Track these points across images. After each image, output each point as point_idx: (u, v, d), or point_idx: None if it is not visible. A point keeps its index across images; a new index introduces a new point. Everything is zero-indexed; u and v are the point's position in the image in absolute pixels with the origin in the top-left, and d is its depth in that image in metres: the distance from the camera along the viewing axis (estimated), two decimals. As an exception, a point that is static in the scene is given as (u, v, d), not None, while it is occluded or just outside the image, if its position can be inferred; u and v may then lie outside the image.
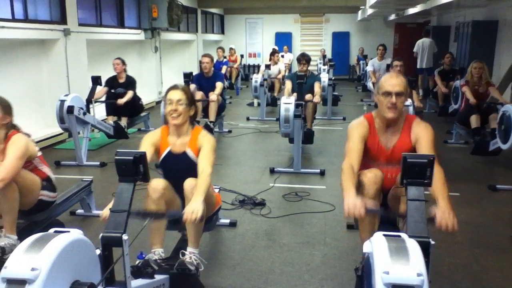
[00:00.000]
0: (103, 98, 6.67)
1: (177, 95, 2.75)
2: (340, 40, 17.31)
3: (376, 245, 1.77)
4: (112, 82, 6.76)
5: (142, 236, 2.31)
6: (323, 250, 3.41)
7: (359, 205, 2.19)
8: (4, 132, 3.02)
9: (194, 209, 2.34)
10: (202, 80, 6.62)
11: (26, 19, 6.40)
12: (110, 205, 2.24)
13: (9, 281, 1.49)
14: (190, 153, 2.79)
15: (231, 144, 6.91)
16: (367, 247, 1.88)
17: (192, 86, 6.47)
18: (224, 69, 10.94)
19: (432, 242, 1.97)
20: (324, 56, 15.05)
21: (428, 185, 2.13)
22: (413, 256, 1.69)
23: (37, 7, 6.75)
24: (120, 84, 6.76)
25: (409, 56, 12.33)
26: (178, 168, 2.79)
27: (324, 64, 12.74)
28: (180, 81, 8.56)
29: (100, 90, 6.62)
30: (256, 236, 3.66)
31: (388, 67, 7.95)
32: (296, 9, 16.57)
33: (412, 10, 11.78)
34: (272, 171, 5.32)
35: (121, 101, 6.50)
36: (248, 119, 8.86)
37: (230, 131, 7.60)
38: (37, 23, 6.60)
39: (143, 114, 7.43)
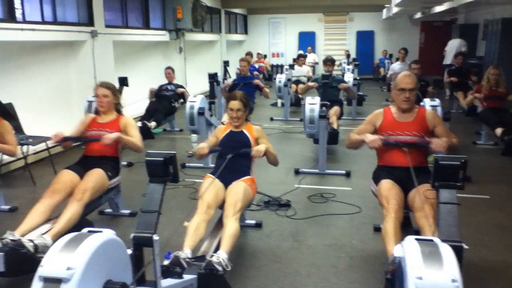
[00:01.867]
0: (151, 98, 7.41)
1: (236, 105, 3.42)
2: (365, 39, 17.12)
3: (408, 249, 1.74)
4: (163, 85, 7.57)
5: (168, 236, 2.33)
6: (350, 252, 3.38)
7: (377, 138, 3.01)
8: (116, 113, 3.82)
9: (260, 148, 3.26)
10: (241, 80, 7.34)
11: (55, 22, 6.55)
12: (203, 144, 3.27)
13: (46, 280, 1.52)
14: (246, 133, 3.48)
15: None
16: (398, 251, 1.85)
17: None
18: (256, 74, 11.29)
19: (466, 247, 1.93)
20: (348, 56, 14.92)
21: (461, 188, 2.09)
22: (447, 261, 1.66)
23: (65, 9, 6.89)
24: (171, 84, 7.55)
25: (436, 55, 12.13)
26: (234, 142, 3.41)
27: (348, 64, 12.63)
28: (204, 81, 8.60)
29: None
30: (281, 237, 3.65)
31: None
32: (319, 8, 16.46)
33: (438, 8, 11.56)
34: (296, 172, 5.30)
35: (180, 90, 7.38)
36: (272, 119, 8.85)
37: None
38: (66, 25, 6.73)
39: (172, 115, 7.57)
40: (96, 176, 3.49)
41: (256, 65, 12.86)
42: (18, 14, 5.84)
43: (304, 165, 5.54)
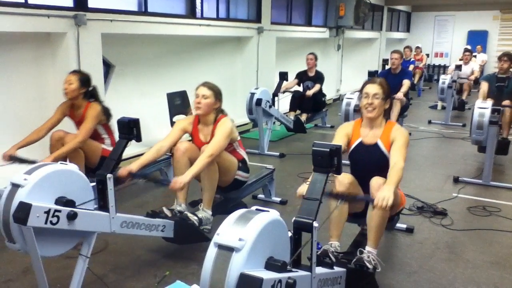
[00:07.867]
0: (293, 89, 7.20)
1: (373, 89, 2.80)
2: (551, 39, 14.93)
3: None
4: (302, 76, 7.26)
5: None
6: (516, 275, 3.05)
7: None
8: (214, 116, 3.42)
9: (385, 196, 2.35)
10: (389, 77, 6.39)
11: (227, 18, 7.13)
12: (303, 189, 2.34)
13: (220, 247, 1.72)
14: (381, 145, 2.83)
15: (410, 147, 6.56)
16: None
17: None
18: (411, 68, 10.65)
19: None
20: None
21: None
22: None
23: (237, 7, 7.45)
24: (309, 78, 7.22)
25: None
26: (367, 159, 2.86)
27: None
28: (360, 79, 8.48)
29: (291, 81, 7.18)
30: (435, 246, 3.46)
31: None
32: (497, 5, 14.82)
33: None
34: (456, 180, 4.93)
35: (309, 92, 6.98)
36: (430, 122, 8.35)
37: (409, 134, 7.23)
38: (237, 21, 7.28)
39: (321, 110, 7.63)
40: (230, 156, 3.46)
41: (417, 63, 12.05)
42: (198, 11, 6.51)
43: (465, 174, 5.12)
